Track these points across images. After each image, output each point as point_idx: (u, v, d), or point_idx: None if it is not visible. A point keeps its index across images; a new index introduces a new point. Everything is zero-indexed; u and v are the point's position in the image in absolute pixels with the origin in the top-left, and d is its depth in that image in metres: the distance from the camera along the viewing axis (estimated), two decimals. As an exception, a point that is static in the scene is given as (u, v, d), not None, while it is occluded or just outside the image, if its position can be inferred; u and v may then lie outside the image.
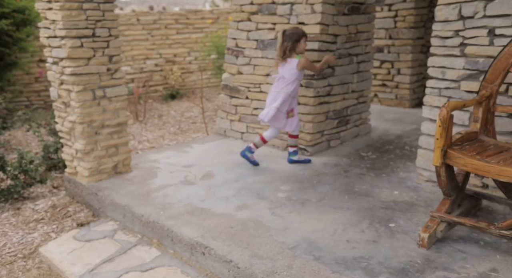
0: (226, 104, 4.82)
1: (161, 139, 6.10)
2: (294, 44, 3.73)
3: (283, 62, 3.78)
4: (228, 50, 4.70)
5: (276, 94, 3.77)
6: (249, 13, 4.44)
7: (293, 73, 3.74)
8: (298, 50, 3.76)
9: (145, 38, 8.25)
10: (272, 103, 3.77)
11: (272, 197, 3.25)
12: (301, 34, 3.74)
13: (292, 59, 3.74)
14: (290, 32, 3.74)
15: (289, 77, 3.75)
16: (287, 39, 3.72)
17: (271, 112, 3.74)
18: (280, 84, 3.78)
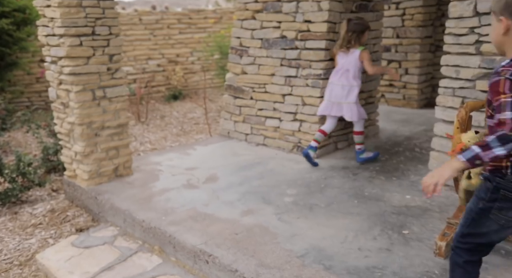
0: (229, 105, 4.70)
1: (163, 140, 5.99)
2: (359, 35, 3.68)
3: (344, 53, 3.71)
4: (232, 50, 4.58)
5: (349, 89, 3.70)
6: (254, 11, 4.31)
7: (357, 64, 3.70)
8: (362, 41, 3.72)
9: (147, 38, 8.14)
10: (344, 98, 3.70)
11: (278, 202, 3.12)
12: (366, 25, 3.73)
13: (355, 50, 3.69)
14: (357, 22, 3.69)
15: (354, 69, 3.70)
16: (353, 29, 3.66)
17: (354, 110, 3.73)
18: (347, 77, 3.71)
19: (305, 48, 3.98)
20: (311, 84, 3.96)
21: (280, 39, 4.13)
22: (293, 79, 4.09)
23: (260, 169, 3.79)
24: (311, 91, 3.97)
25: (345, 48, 3.71)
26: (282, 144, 4.28)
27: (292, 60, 4.08)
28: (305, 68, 3.99)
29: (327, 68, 3.92)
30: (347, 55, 3.73)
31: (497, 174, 1.61)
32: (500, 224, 1.65)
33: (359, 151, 3.87)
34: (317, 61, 3.91)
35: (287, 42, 4.08)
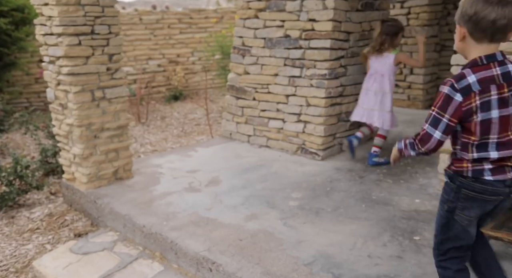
0: (232, 105, 4.60)
1: (164, 141, 5.89)
2: (393, 37, 3.57)
3: (377, 56, 3.61)
4: (234, 49, 4.48)
5: (382, 95, 3.61)
6: (257, 10, 4.22)
7: (391, 68, 3.60)
8: (395, 44, 3.61)
9: (148, 38, 8.04)
10: (378, 105, 3.62)
11: (283, 206, 3.03)
12: (400, 27, 3.62)
13: (389, 54, 3.59)
14: (390, 23, 3.58)
15: (389, 74, 3.60)
16: (386, 31, 3.55)
17: (387, 118, 3.63)
18: (381, 82, 3.61)
19: (309, 47, 3.88)
20: (316, 84, 3.86)
21: (284, 38, 4.04)
22: (297, 79, 4.00)
23: (263, 172, 3.69)
24: (316, 92, 3.87)
25: (376, 52, 3.61)
26: (285, 145, 4.18)
27: (296, 60, 3.98)
28: (310, 68, 3.90)
29: (332, 68, 3.82)
30: (380, 59, 3.62)
31: (460, 174, 1.67)
32: (463, 225, 1.71)
33: (374, 154, 3.78)
34: (322, 61, 3.81)
35: (291, 42, 3.98)
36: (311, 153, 3.99)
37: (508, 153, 1.60)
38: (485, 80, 1.55)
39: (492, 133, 1.58)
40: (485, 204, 1.67)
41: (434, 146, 1.63)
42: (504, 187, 1.63)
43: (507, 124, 1.59)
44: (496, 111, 1.56)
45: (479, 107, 1.55)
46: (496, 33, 1.55)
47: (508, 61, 1.60)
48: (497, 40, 1.58)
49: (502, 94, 1.56)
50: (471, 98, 1.54)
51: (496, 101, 1.55)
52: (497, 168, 1.61)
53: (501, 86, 1.56)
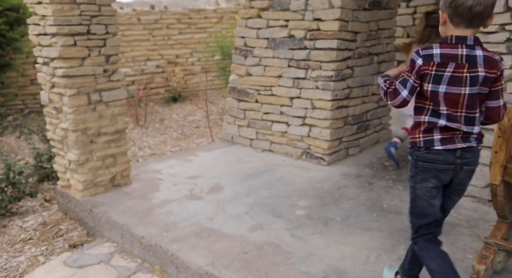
0: (233, 108, 4.45)
1: (163, 144, 5.73)
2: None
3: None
4: (236, 50, 4.33)
5: None
6: (259, 9, 4.06)
7: None
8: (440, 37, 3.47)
9: (146, 38, 7.88)
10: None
11: (289, 215, 2.87)
12: None
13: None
14: (436, 16, 3.42)
15: None
16: (432, 24, 3.38)
17: None
18: None
19: (314, 48, 3.73)
20: (322, 86, 3.71)
21: (288, 38, 3.88)
22: (302, 81, 3.84)
23: (267, 178, 3.53)
24: (322, 94, 3.72)
25: (424, 44, 3.45)
26: (289, 150, 4.03)
27: (300, 61, 3.83)
28: (315, 69, 3.74)
29: (339, 69, 3.67)
30: None
31: (415, 147, 1.81)
32: (426, 199, 1.81)
33: (393, 143, 3.70)
34: (328, 62, 3.66)
35: (295, 42, 3.83)
36: (316, 158, 3.83)
37: (456, 126, 1.72)
38: (447, 56, 1.67)
39: (442, 106, 1.71)
40: (439, 174, 1.77)
41: (400, 102, 1.79)
42: (454, 158, 1.75)
43: (457, 102, 1.70)
44: (444, 87, 1.69)
45: (432, 77, 1.70)
46: (473, 19, 1.65)
47: (478, 48, 1.68)
48: (474, 26, 1.68)
49: (457, 73, 1.67)
50: (429, 65, 1.69)
51: (448, 78, 1.68)
52: (446, 138, 1.74)
53: (461, 65, 1.67)
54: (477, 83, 1.67)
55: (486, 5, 1.63)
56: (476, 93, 1.69)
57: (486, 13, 1.65)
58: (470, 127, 1.72)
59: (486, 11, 1.64)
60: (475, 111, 1.72)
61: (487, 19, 1.68)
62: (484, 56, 1.67)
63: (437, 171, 1.76)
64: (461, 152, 1.74)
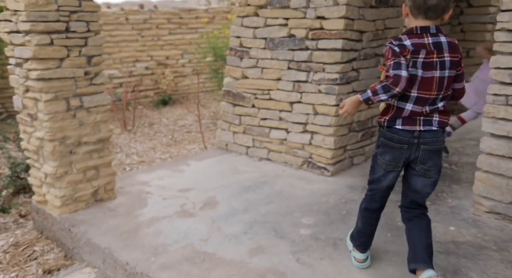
0: (228, 113, 4.13)
1: (152, 151, 5.39)
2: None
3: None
4: (231, 51, 4.01)
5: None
6: (256, 7, 3.76)
7: None
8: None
9: (135, 39, 7.53)
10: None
11: (293, 235, 2.56)
12: None
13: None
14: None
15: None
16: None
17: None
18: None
19: (317, 48, 3.43)
20: (325, 90, 3.41)
21: (288, 38, 3.58)
22: (303, 84, 3.54)
23: (266, 190, 3.22)
24: (325, 99, 3.42)
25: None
26: (289, 158, 3.72)
27: (301, 62, 3.52)
28: (318, 72, 3.44)
29: (344, 71, 3.38)
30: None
31: (380, 124, 2.05)
32: (383, 168, 2.04)
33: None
34: (332, 64, 3.36)
35: (296, 42, 3.53)
36: (319, 168, 3.53)
37: (420, 109, 1.90)
38: (417, 45, 1.86)
39: (414, 89, 1.88)
40: (393, 151, 1.97)
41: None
42: (411, 137, 1.92)
43: (431, 84, 1.87)
44: (420, 71, 1.86)
45: (411, 62, 1.86)
46: (428, 11, 1.85)
47: (441, 35, 1.88)
48: (431, 18, 1.87)
49: (428, 59, 1.85)
50: (405, 52, 1.85)
51: (421, 63, 1.85)
52: (408, 118, 1.92)
53: (431, 52, 1.85)
54: (445, 67, 1.86)
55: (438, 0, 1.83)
56: (447, 76, 1.87)
57: (440, 6, 1.84)
58: (434, 106, 1.90)
59: (439, 5, 1.84)
60: (442, 92, 1.90)
61: (443, 13, 1.87)
62: (448, 42, 1.87)
63: (392, 148, 1.97)
64: (419, 132, 1.92)
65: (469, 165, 3.57)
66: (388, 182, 2.07)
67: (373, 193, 2.14)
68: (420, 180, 2.00)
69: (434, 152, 1.94)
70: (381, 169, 2.05)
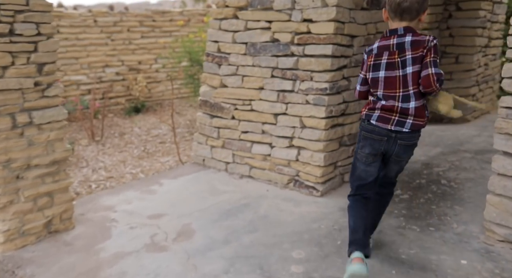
0: (205, 125, 3.73)
1: (122, 165, 4.93)
2: None
3: None
4: (208, 57, 3.62)
5: None
6: (236, 8, 3.39)
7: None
8: None
9: (104, 42, 7.04)
10: None
11: (283, 273, 2.18)
12: None
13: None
14: None
15: None
16: None
17: None
18: None
19: (304, 55, 3.08)
20: (313, 101, 3.06)
21: (271, 43, 3.22)
22: (289, 94, 3.18)
23: (249, 215, 2.84)
24: (313, 111, 3.07)
25: None
26: (274, 176, 3.35)
27: (286, 70, 3.17)
28: (305, 80, 3.09)
29: (334, 80, 3.03)
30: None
31: (361, 120, 2.17)
32: (363, 162, 2.14)
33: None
34: (321, 72, 3.02)
35: (280, 47, 3.17)
36: (307, 187, 3.17)
37: (390, 105, 2.03)
38: (382, 47, 2.05)
39: (379, 88, 2.06)
40: (373, 143, 2.09)
41: (356, 94, 2.23)
42: (388, 131, 2.05)
43: (394, 83, 2.02)
44: (383, 72, 2.04)
45: (372, 67, 2.08)
46: (402, 13, 2.00)
47: (409, 35, 2.00)
48: (405, 19, 2.02)
49: (391, 60, 2.02)
50: (370, 58, 2.09)
51: (384, 65, 2.04)
52: (382, 117, 2.05)
53: (393, 53, 2.02)
54: (406, 65, 1.99)
55: (412, 2, 1.98)
56: (410, 73, 1.99)
57: (413, 8, 1.99)
58: (406, 104, 2.01)
59: (412, 7, 1.99)
60: (410, 89, 2.00)
61: (417, 14, 2.02)
62: (412, 41, 1.99)
63: (373, 140, 2.09)
64: (391, 130, 2.06)
65: (469, 181, 3.28)
66: (372, 174, 2.16)
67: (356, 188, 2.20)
68: (393, 167, 2.20)
69: (409, 146, 2.11)
70: (361, 163, 2.17)
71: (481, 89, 5.15)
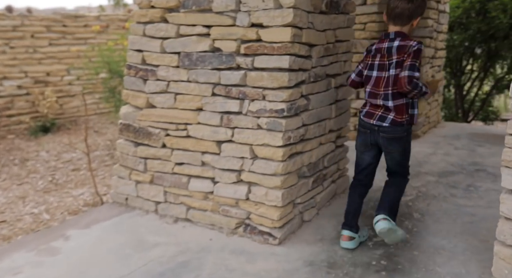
0: (127, 155, 2.96)
1: (20, 202, 3.97)
2: None
3: None
4: (130, 70, 2.87)
5: None
6: (164, 10, 2.69)
7: None
8: None
9: (1, 50, 5.91)
10: None
11: None
12: None
13: None
14: None
15: None
16: None
17: None
18: None
19: (253, 68, 2.46)
20: (267, 125, 2.44)
21: (211, 53, 2.56)
22: (235, 117, 2.53)
23: (191, 281, 2.12)
24: (267, 137, 2.45)
25: None
26: (218, 219, 2.67)
27: (232, 87, 2.52)
28: (256, 100, 2.47)
29: (292, 100, 2.44)
30: None
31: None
32: (358, 150, 2.52)
33: None
34: (276, 89, 2.41)
35: (223, 59, 2.52)
36: (261, 233, 2.53)
37: (373, 101, 2.36)
38: (377, 50, 2.36)
39: (369, 85, 2.39)
40: (363, 135, 2.44)
41: (350, 83, 2.58)
42: (371, 125, 2.37)
43: (380, 82, 2.33)
44: (375, 72, 2.36)
45: (368, 65, 2.40)
46: (395, 18, 2.30)
47: (398, 39, 2.28)
48: (397, 24, 2.31)
49: (382, 62, 2.33)
50: (368, 58, 2.41)
51: (377, 66, 2.35)
52: (368, 112, 2.40)
53: (384, 56, 2.32)
54: (392, 67, 2.28)
55: (403, 8, 2.26)
56: (393, 75, 2.28)
57: (405, 14, 2.27)
58: (386, 102, 2.30)
59: (404, 13, 2.26)
60: (389, 89, 2.29)
61: (409, 20, 2.29)
62: (398, 46, 2.26)
63: (361, 132, 2.45)
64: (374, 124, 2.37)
65: (444, 214, 2.85)
66: (366, 161, 2.48)
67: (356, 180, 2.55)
68: (387, 157, 2.45)
69: (392, 139, 2.33)
70: (358, 151, 2.51)
71: (429, 102, 4.89)
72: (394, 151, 2.37)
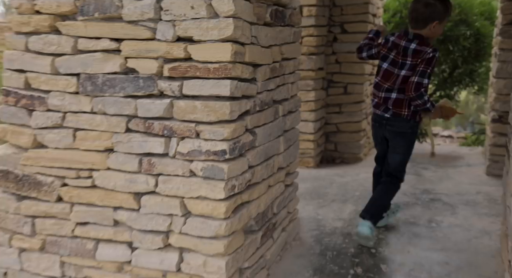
0: (6, 213, 2.16)
1: None
2: None
3: None
4: (8, 96, 2.08)
5: None
6: (55, 17, 1.98)
7: None
8: None
9: None
10: None
11: None
12: None
13: None
14: None
15: None
16: None
17: None
18: None
19: (182, 95, 1.84)
20: (203, 172, 1.83)
21: (123, 76, 1.89)
22: (160, 160, 1.88)
23: None
24: (204, 188, 1.83)
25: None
26: None
27: (153, 120, 1.87)
28: (187, 138, 1.84)
29: (236, 137, 1.85)
30: None
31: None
32: (374, 142, 2.80)
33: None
34: (214, 124, 1.81)
35: (140, 83, 1.87)
36: (198, 316, 1.89)
37: (377, 92, 2.57)
38: (394, 44, 2.50)
39: (378, 76, 2.57)
40: (374, 128, 2.71)
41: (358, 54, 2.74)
42: (379, 118, 2.60)
43: (389, 77, 2.50)
44: (387, 65, 2.51)
45: (382, 55, 2.55)
46: (411, 21, 2.48)
47: (416, 41, 2.42)
48: (414, 27, 2.46)
49: (396, 58, 2.49)
50: (385, 47, 2.56)
51: (390, 59, 2.50)
52: (376, 104, 2.60)
53: (399, 53, 2.47)
54: (404, 68, 2.44)
55: (418, 12, 2.42)
56: (402, 75, 2.44)
57: (420, 18, 2.42)
58: (389, 94, 2.50)
59: (419, 17, 2.42)
60: (395, 86, 2.47)
61: (424, 24, 2.42)
62: (414, 49, 2.41)
63: (373, 125, 2.71)
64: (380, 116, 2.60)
65: (415, 264, 2.43)
66: (380, 152, 2.75)
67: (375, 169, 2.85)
68: (391, 155, 2.62)
69: (396, 133, 2.55)
70: (374, 141, 2.81)
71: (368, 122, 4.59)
72: (399, 146, 2.55)
